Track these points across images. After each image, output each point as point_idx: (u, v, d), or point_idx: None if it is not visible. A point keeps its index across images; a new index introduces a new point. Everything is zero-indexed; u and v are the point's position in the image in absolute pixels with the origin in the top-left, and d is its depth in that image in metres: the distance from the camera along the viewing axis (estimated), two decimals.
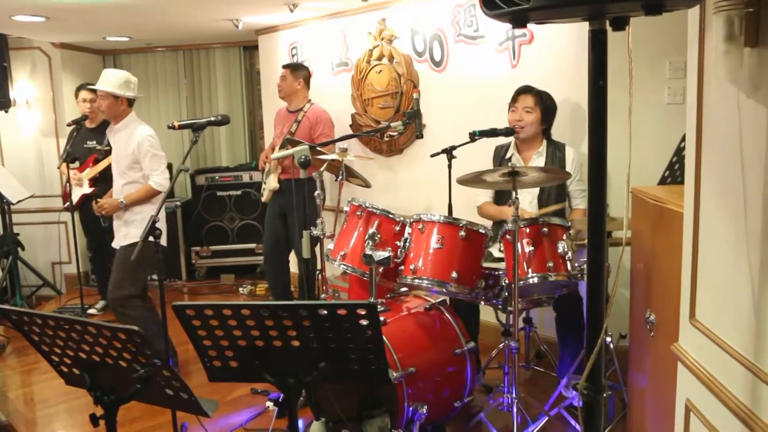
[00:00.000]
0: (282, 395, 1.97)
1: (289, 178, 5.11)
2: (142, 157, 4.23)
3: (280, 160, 5.10)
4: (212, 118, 3.54)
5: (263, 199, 5.38)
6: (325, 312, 1.77)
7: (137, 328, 1.71)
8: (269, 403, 3.91)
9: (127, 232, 4.26)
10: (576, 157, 3.92)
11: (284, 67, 5.40)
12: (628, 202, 1.69)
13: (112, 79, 4.28)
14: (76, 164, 5.59)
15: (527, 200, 3.88)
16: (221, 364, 1.96)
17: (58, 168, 5.93)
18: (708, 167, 1.90)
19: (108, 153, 5.17)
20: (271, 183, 5.26)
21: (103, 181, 5.32)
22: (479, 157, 4.06)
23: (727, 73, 1.68)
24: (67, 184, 5.54)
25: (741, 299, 1.68)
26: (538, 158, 3.93)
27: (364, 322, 1.79)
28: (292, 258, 5.48)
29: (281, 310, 1.77)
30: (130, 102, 4.37)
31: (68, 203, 5.38)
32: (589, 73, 1.51)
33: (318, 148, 3.72)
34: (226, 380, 2.02)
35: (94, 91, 4.59)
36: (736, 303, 1.71)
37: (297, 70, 5.32)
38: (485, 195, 4.09)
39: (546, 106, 3.88)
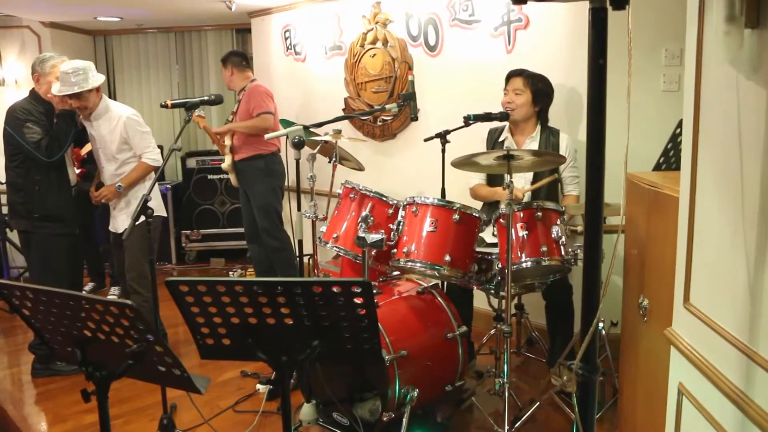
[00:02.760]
0: (274, 374, 1.97)
1: (241, 158, 5.27)
2: (131, 137, 4.21)
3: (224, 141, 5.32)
4: (205, 97, 3.54)
5: (233, 183, 5.50)
6: (320, 289, 1.76)
7: (130, 302, 1.69)
8: (259, 386, 3.91)
9: (130, 213, 4.24)
10: (570, 144, 3.91)
11: None
12: (624, 186, 1.69)
13: (88, 73, 4.05)
14: None
15: (519, 184, 3.86)
16: (214, 341, 1.95)
17: None
18: (705, 150, 1.90)
19: None
20: (225, 163, 5.41)
21: (90, 162, 5.27)
22: (473, 141, 4.05)
23: (727, 54, 1.67)
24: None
25: (736, 282, 1.68)
26: (532, 143, 3.92)
27: (359, 300, 1.78)
28: None
29: (275, 287, 1.76)
30: None
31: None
32: (588, 51, 1.49)
33: (311, 129, 3.69)
34: (219, 358, 2.00)
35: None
36: (732, 286, 1.71)
37: (225, 62, 5.47)
38: (478, 177, 4.08)
39: (537, 88, 3.85)
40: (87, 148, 5.34)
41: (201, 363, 4.14)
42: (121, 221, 4.33)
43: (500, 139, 4.00)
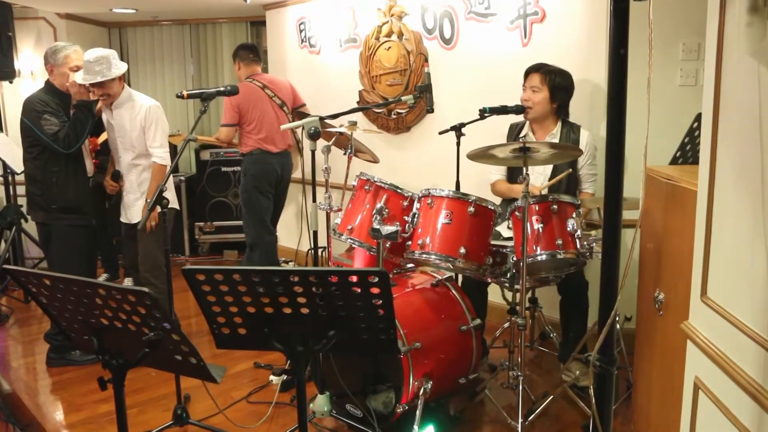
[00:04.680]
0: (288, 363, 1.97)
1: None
2: (149, 125, 4.19)
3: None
4: (221, 88, 3.54)
5: None
6: (336, 279, 1.76)
7: (147, 290, 1.69)
8: (273, 377, 3.92)
9: (144, 204, 4.26)
10: (590, 140, 3.84)
11: None
12: (643, 181, 1.68)
13: (111, 62, 4.07)
14: None
15: (538, 181, 3.83)
16: (229, 331, 1.95)
17: None
18: (724, 143, 1.88)
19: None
20: None
21: (104, 154, 5.29)
22: (489, 135, 4.01)
23: (749, 46, 1.65)
24: None
25: (755, 275, 1.67)
26: (552, 140, 3.86)
27: (375, 291, 1.77)
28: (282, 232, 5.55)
29: (292, 276, 1.76)
30: None
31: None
32: (609, 42, 1.49)
33: (326, 121, 3.69)
34: (234, 347, 2.01)
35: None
36: (750, 279, 1.70)
37: (234, 56, 5.56)
38: (498, 173, 4.06)
39: (554, 83, 3.79)
40: (102, 137, 5.37)
41: (213, 355, 4.16)
42: (134, 212, 4.34)
43: (521, 135, 3.97)
